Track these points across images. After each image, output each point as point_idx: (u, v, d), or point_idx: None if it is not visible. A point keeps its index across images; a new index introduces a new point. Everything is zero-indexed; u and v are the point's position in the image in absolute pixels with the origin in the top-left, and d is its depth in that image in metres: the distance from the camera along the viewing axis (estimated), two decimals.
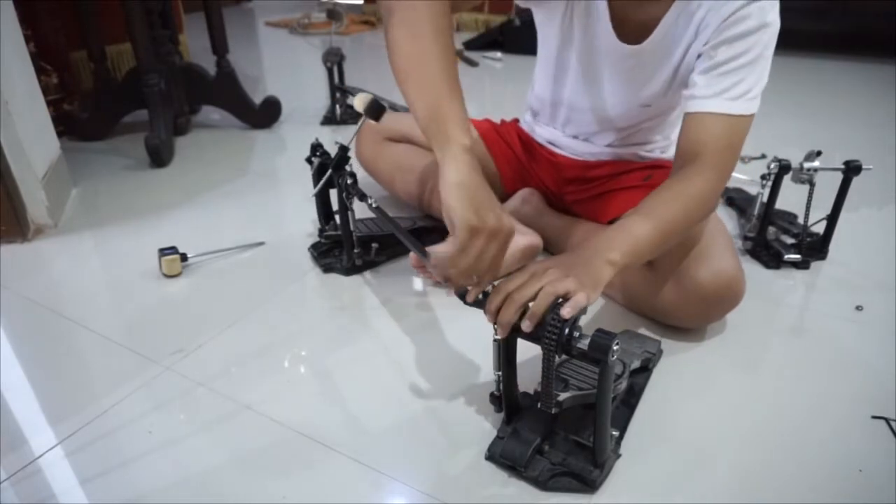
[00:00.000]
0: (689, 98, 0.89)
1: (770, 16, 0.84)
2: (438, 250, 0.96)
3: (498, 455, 0.73)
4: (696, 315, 0.94)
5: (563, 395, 0.71)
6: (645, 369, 0.87)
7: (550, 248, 1.18)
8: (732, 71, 0.86)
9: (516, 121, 1.29)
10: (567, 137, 1.15)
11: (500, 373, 0.74)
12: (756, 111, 0.87)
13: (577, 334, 0.64)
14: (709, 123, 0.86)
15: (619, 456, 0.74)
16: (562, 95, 1.11)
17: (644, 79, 0.98)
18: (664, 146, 1.12)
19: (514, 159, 1.24)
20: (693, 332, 0.97)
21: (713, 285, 0.89)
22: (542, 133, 1.19)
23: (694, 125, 0.88)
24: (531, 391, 0.79)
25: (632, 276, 0.98)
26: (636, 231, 0.78)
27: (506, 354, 0.72)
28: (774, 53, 0.87)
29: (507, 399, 0.75)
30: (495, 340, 0.71)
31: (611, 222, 1.08)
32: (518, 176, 1.23)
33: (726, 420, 0.82)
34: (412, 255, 1.05)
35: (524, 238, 1.10)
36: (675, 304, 0.93)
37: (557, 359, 0.68)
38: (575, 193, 1.16)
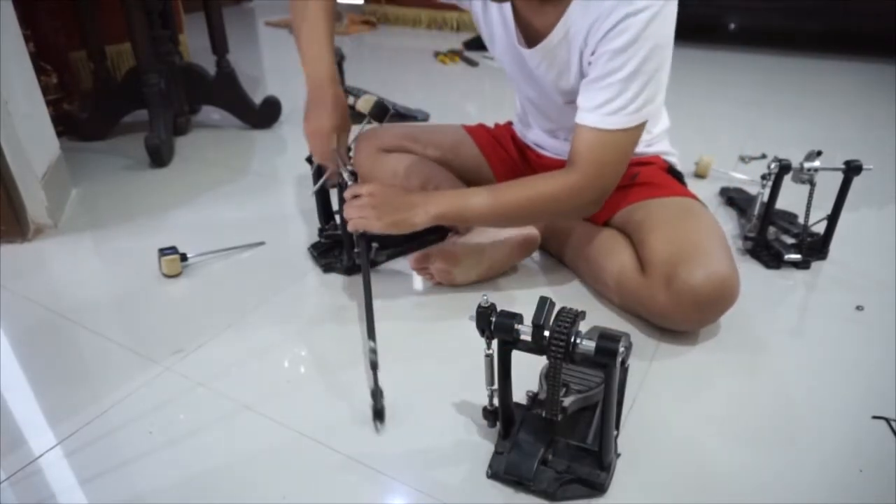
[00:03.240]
0: (577, 108, 0.93)
1: (650, 29, 0.84)
2: (439, 250, 1.00)
3: (502, 472, 0.71)
4: (690, 317, 0.94)
5: (568, 401, 0.71)
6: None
7: (549, 246, 1.18)
8: (610, 85, 0.88)
9: (510, 123, 1.29)
10: (550, 137, 1.16)
11: (493, 387, 0.73)
12: (636, 124, 0.90)
13: (580, 340, 0.63)
14: (584, 136, 0.92)
15: (618, 455, 0.74)
16: (520, 93, 1.16)
17: (553, 79, 0.99)
18: (648, 140, 1.12)
19: (508, 160, 1.24)
20: (693, 333, 0.97)
21: (706, 287, 0.89)
22: (530, 135, 1.21)
23: (576, 135, 0.93)
24: (521, 401, 0.78)
25: (627, 277, 0.98)
26: (471, 200, 0.95)
27: (502, 367, 0.71)
28: (776, 52, 0.88)
29: (503, 413, 0.74)
30: (487, 356, 0.71)
31: (606, 223, 1.08)
32: (514, 177, 1.24)
33: (727, 420, 0.82)
34: (412, 256, 1.06)
35: (521, 232, 1.10)
36: (669, 307, 0.92)
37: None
38: None
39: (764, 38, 3.05)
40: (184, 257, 1.14)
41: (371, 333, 0.88)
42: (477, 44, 2.99)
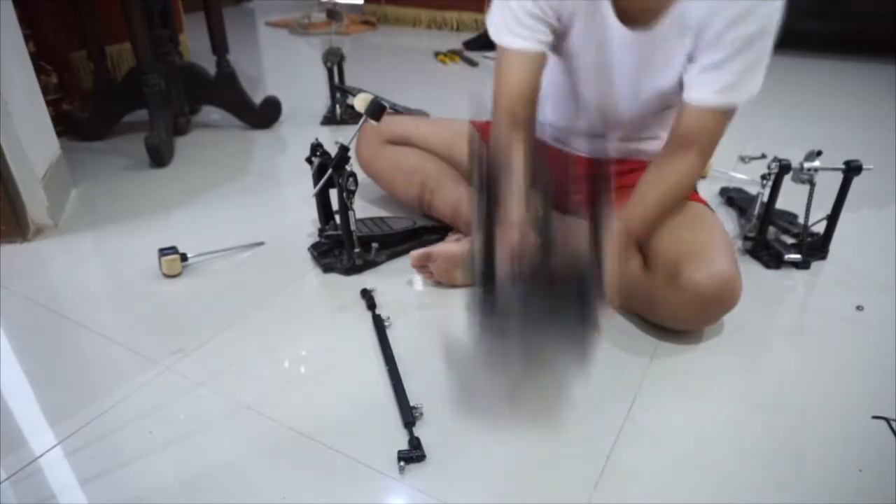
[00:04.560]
0: (691, 87, 0.92)
1: (774, 17, 0.86)
2: (439, 249, 1.00)
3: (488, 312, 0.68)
4: (692, 317, 0.94)
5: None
6: None
7: None
8: (734, 70, 0.89)
9: None
10: (577, 134, 1.15)
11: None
12: (745, 100, 0.92)
13: None
14: (705, 116, 0.93)
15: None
16: (573, 88, 1.10)
17: (656, 67, 0.97)
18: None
19: None
20: (693, 332, 0.97)
21: (709, 287, 0.89)
22: (552, 131, 1.20)
23: (692, 115, 0.94)
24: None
25: (630, 275, 0.98)
26: (636, 215, 0.96)
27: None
28: (776, 52, 0.88)
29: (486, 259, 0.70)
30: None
31: None
32: None
33: (726, 419, 0.82)
34: (412, 254, 1.05)
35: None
36: (671, 306, 0.92)
37: None
38: (580, 193, 1.16)
39: None
40: (184, 257, 1.14)
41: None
42: (477, 44, 2.99)
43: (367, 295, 1.06)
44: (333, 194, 1.13)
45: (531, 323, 0.69)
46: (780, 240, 1.21)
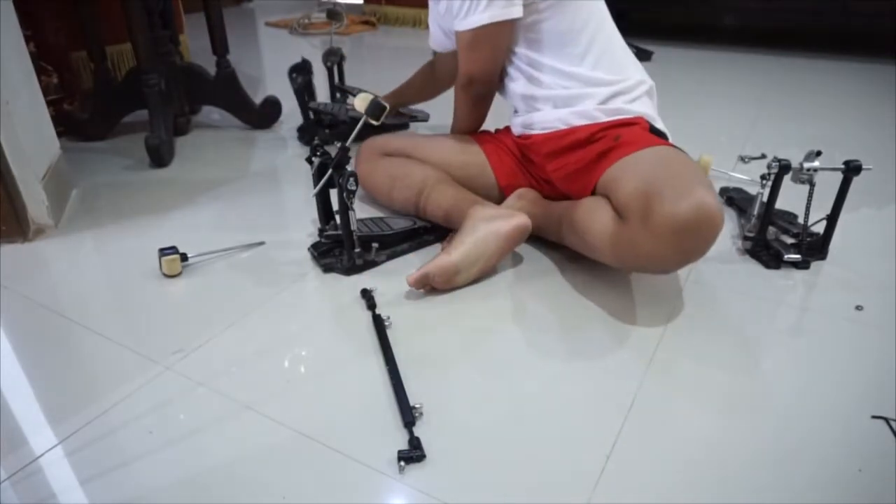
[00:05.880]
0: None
1: None
2: (433, 266, 1.02)
3: None
4: (674, 252, 0.89)
5: None
6: None
7: (549, 235, 1.20)
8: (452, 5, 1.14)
9: (507, 128, 1.33)
10: (529, 113, 1.20)
11: None
12: (470, 28, 1.12)
13: None
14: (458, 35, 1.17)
15: None
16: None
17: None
18: (627, 88, 1.12)
19: (509, 158, 1.28)
20: (692, 332, 0.97)
21: (683, 214, 0.85)
22: (517, 120, 1.25)
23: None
24: None
25: (611, 231, 0.97)
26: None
27: None
28: (776, 52, 0.89)
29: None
30: None
31: (593, 192, 1.08)
32: (515, 172, 1.28)
33: (725, 419, 0.82)
34: (409, 281, 1.05)
35: (511, 221, 1.09)
36: (651, 246, 0.89)
37: None
38: (559, 170, 1.17)
39: (764, 38, 3.06)
40: (184, 257, 1.14)
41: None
42: None
43: (367, 295, 1.06)
44: (333, 194, 1.13)
45: None
46: (779, 240, 1.21)
